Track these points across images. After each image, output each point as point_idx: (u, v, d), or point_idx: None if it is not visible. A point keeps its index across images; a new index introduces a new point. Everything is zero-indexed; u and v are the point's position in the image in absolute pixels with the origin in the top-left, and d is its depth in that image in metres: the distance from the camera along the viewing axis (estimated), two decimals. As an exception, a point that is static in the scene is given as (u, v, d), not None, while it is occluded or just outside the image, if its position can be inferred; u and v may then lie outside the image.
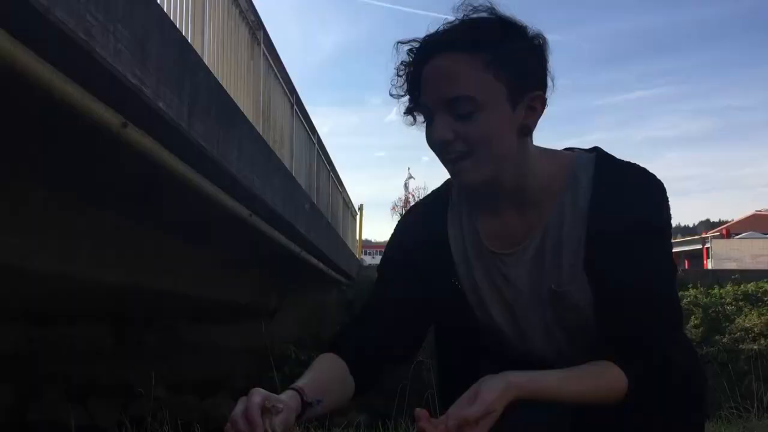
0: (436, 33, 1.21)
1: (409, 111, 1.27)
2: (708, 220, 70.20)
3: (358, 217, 18.24)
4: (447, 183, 1.41)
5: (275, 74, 6.50)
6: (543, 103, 1.21)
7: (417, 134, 1.29)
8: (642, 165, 1.29)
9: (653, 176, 1.27)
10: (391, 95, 1.28)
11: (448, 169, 1.25)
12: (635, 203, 1.22)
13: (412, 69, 1.23)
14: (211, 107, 3.79)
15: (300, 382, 1.14)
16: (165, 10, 3.35)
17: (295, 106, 7.66)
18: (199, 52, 3.86)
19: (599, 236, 1.22)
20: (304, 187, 7.81)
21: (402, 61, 1.24)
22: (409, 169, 40.40)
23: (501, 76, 1.16)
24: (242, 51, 5.27)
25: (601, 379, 1.16)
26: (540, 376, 1.13)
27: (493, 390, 1.06)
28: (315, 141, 9.49)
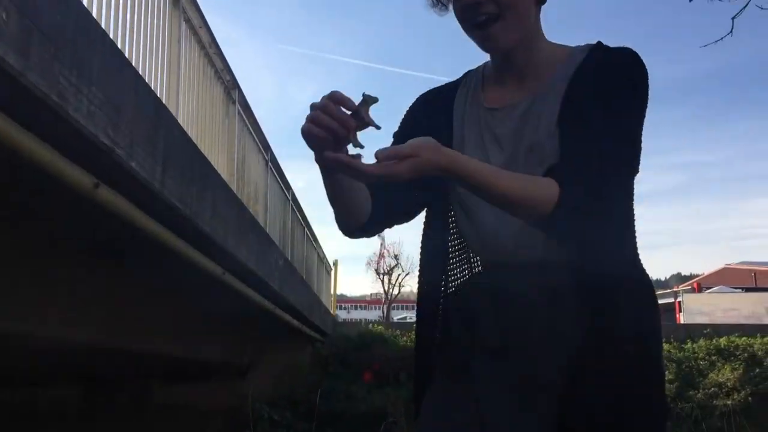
0: None
1: None
2: (679, 274, 70.99)
3: (333, 272, 18.16)
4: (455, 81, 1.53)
5: (250, 132, 6.55)
6: None
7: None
8: None
9: (639, 57, 1.34)
10: None
11: (477, 36, 1.34)
12: (617, 65, 1.31)
13: None
14: (185, 166, 3.79)
15: None
16: (140, 71, 3.38)
17: (269, 163, 7.69)
18: (173, 111, 3.89)
19: (575, 94, 1.32)
20: (278, 243, 7.78)
21: None
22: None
23: None
24: (217, 109, 5.31)
25: (534, 183, 1.23)
26: (474, 161, 1.21)
27: (429, 143, 1.16)
28: (290, 197, 9.51)
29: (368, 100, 1.13)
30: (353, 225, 1.41)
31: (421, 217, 1.52)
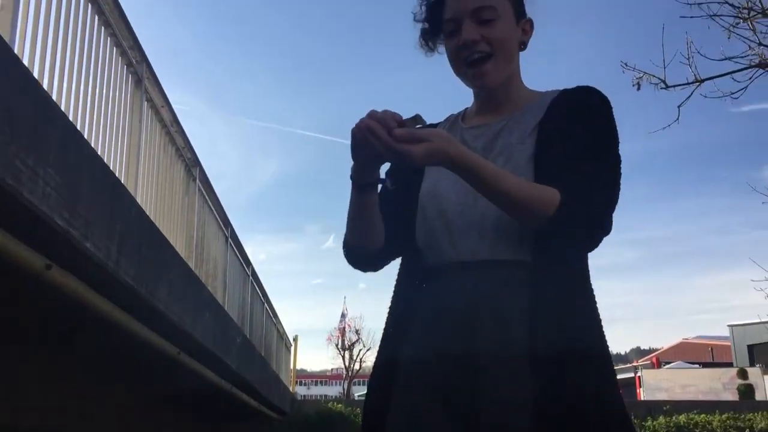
0: None
1: (426, 34, 1.53)
2: (639, 347, 71.52)
3: (292, 348, 17.86)
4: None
5: (210, 208, 6.53)
6: (531, 27, 1.51)
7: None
8: None
9: (603, 93, 1.47)
10: (416, 21, 1.55)
11: (470, 74, 1.47)
12: (586, 99, 1.44)
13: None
14: (142, 245, 3.74)
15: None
16: (100, 150, 3.37)
17: (229, 239, 7.65)
18: (132, 189, 3.87)
19: (551, 120, 1.42)
20: (237, 320, 7.65)
21: None
22: (345, 298, 40.27)
23: None
24: (177, 187, 5.29)
25: (536, 186, 1.31)
26: (481, 158, 1.31)
27: (443, 134, 1.28)
28: (249, 273, 9.42)
29: (417, 119, 1.30)
30: (371, 249, 1.51)
31: (386, 288, 1.57)
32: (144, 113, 4.26)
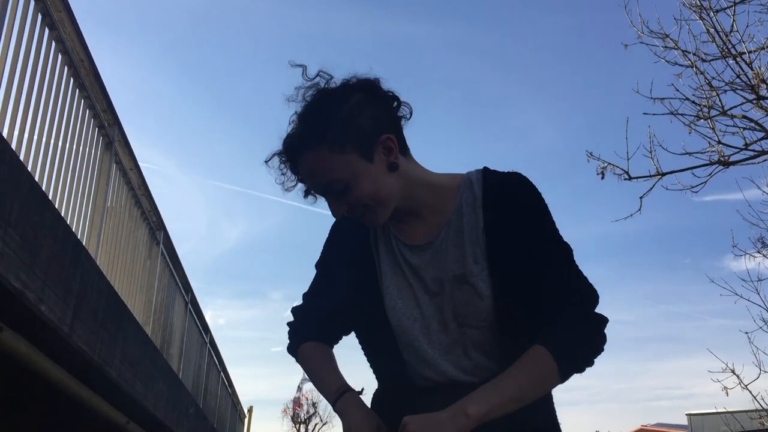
0: (287, 137, 1.40)
1: (307, 193, 1.45)
2: (598, 433, 70.85)
3: (246, 420, 17.38)
4: None
5: (172, 273, 6.44)
6: (394, 140, 1.39)
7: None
8: None
9: (527, 178, 1.46)
10: (287, 190, 1.46)
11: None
12: (519, 194, 1.42)
13: (291, 167, 1.42)
14: (98, 309, 3.67)
15: (342, 382, 1.41)
16: (64, 211, 3.34)
17: (189, 305, 7.52)
18: (94, 252, 3.81)
19: (495, 227, 1.39)
20: (191, 389, 7.45)
21: (280, 164, 1.43)
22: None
23: (345, 149, 1.34)
24: (140, 250, 5.23)
25: (530, 371, 1.28)
26: (483, 403, 1.23)
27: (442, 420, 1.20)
28: (207, 340, 9.24)
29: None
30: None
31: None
32: (112, 176, 4.24)
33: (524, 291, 1.34)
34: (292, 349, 1.55)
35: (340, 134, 1.33)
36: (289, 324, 1.57)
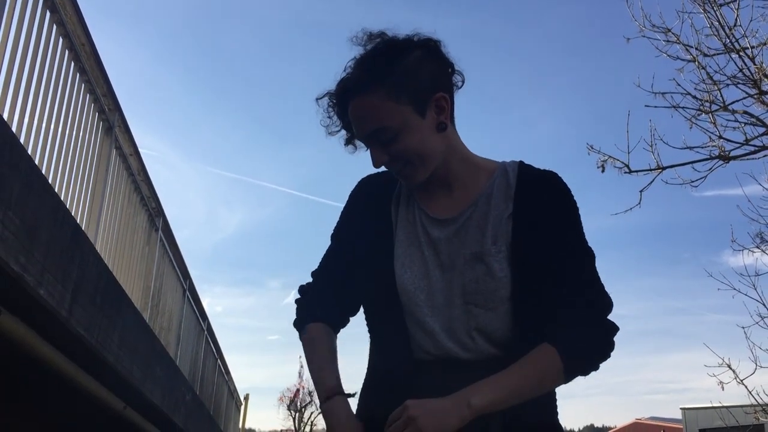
0: (343, 80, 1.40)
1: (348, 141, 1.47)
2: (592, 425, 71.17)
3: (242, 407, 17.42)
4: None
5: (170, 260, 6.44)
6: (447, 100, 1.40)
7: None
8: None
9: (562, 179, 1.47)
10: (330, 134, 1.46)
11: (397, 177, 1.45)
12: (552, 191, 1.43)
13: (339, 111, 1.42)
14: (96, 294, 3.67)
15: (336, 383, 1.38)
16: (64, 195, 3.33)
17: (187, 292, 7.53)
18: (93, 236, 3.81)
19: (522, 216, 1.39)
20: (188, 375, 7.47)
21: (329, 107, 1.43)
22: (300, 357, 39.58)
23: (401, 99, 1.35)
24: (139, 236, 5.23)
25: (536, 367, 1.28)
26: (486, 393, 1.23)
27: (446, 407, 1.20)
28: (204, 327, 9.25)
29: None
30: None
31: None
32: (112, 161, 4.23)
33: (538, 283, 1.34)
34: (299, 325, 1.53)
35: (399, 83, 1.34)
36: (297, 301, 1.55)
